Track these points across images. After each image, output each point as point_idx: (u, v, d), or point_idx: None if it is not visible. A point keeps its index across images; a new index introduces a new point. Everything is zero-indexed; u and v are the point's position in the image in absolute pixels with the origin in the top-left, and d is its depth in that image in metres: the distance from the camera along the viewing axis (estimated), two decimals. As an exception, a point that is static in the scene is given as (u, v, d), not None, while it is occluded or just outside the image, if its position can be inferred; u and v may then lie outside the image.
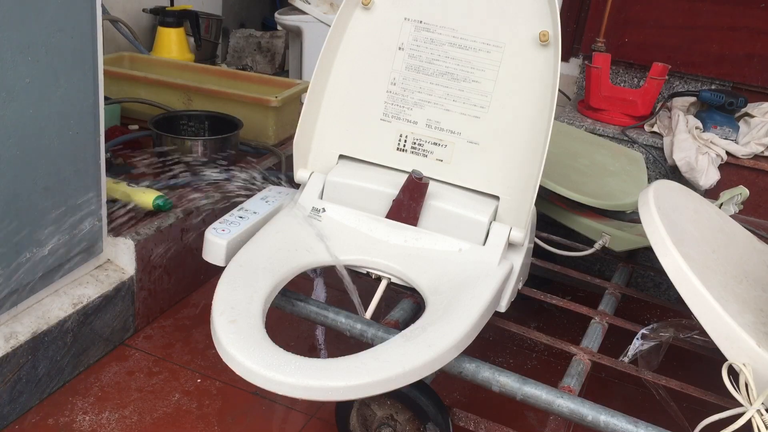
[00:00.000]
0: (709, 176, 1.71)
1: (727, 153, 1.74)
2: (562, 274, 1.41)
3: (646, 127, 1.89)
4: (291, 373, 0.82)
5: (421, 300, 1.07)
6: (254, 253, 1.05)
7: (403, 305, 1.17)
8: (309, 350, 1.45)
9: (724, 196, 1.37)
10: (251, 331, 0.89)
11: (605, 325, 1.21)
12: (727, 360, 0.95)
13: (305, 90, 1.29)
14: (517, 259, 1.13)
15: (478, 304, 1.00)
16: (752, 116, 1.84)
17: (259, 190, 1.25)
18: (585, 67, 2.05)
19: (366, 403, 1.13)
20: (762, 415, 0.91)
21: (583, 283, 1.40)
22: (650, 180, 1.55)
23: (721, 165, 1.74)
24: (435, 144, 1.17)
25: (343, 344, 1.14)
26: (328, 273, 1.18)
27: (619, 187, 1.49)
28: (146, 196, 1.46)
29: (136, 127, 1.90)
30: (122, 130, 1.83)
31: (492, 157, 1.14)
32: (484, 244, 1.11)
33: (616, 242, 1.35)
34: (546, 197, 1.40)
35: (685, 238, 1.08)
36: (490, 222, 1.12)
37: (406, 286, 1.11)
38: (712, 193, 1.67)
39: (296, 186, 1.24)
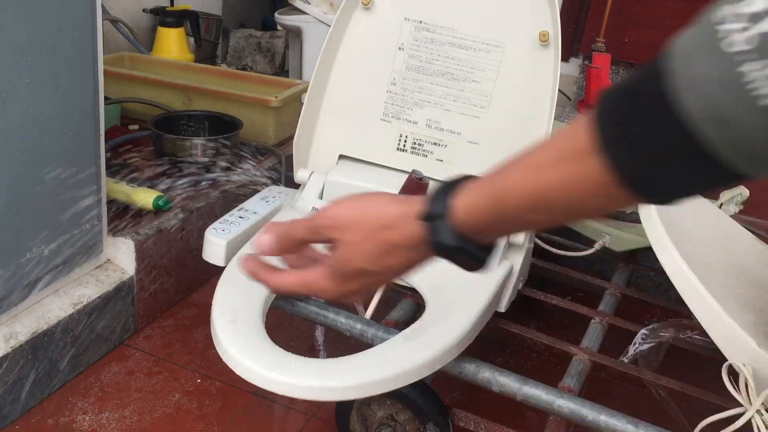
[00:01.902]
0: (709, 176, 1.70)
1: (727, 153, 1.74)
2: (562, 274, 1.41)
3: (646, 127, 1.89)
4: (291, 373, 0.82)
5: (421, 300, 1.07)
6: (254, 253, 1.05)
7: (403, 305, 1.17)
8: (309, 350, 1.45)
9: (724, 196, 1.37)
10: (251, 331, 0.89)
11: (605, 325, 1.21)
12: (727, 360, 0.95)
13: (305, 90, 1.29)
14: (517, 259, 1.13)
15: (478, 304, 1.00)
16: (752, 116, 1.83)
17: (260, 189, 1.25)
18: (585, 67, 2.05)
19: (366, 403, 1.13)
20: (762, 415, 0.91)
21: (583, 283, 1.40)
22: (650, 180, 1.55)
23: (721, 165, 1.73)
24: (435, 144, 1.17)
25: (343, 344, 1.14)
26: (328, 273, 1.18)
27: (619, 187, 1.49)
28: (146, 196, 1.46)
29: (136, 127, 1.90)
30: (122, 130, 1.82)
31: (492, 157, 1.13)
32: (484, 244, 1.10)
33: (616, 242, 1.35)
34: (546, 197, 1.40)
35: (685, 238, 1.08)
36: (490, 222, 1.11)
37: (406, 286, 1.11)
38: (712, 193, 1.67)
39: (296, 186, 1.24)
